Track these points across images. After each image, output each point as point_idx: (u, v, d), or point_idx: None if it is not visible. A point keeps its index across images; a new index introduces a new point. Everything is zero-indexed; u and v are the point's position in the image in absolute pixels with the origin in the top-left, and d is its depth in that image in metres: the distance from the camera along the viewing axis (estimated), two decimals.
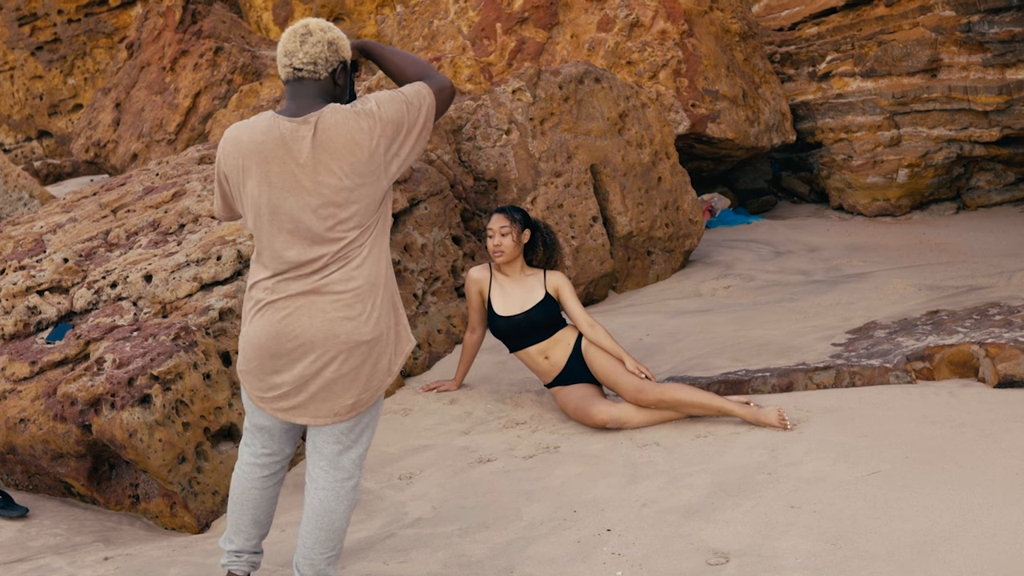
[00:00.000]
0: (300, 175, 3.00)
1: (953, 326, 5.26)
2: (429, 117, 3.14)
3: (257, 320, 3.09)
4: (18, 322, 4.93)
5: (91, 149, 11.55)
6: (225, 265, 4.85)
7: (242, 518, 3.36)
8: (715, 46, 9.51)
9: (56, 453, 4.42)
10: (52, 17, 15.56)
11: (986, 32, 8.84)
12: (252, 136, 3.05)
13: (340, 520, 3.21)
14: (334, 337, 3.04)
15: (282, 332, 3.05)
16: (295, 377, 3.08)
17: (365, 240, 3.07)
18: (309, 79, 3.09)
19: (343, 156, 3.00)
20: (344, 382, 3.08)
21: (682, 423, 4.63)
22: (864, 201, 9.87)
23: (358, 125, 3.01)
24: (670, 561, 3.43)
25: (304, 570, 3.24)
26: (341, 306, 3.04)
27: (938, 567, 3.18)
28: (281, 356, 3.07)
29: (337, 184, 3.00)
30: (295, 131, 3.01)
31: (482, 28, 9.69)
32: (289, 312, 3.04)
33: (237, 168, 3.08)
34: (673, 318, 6.56)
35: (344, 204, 3.02)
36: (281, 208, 3.02)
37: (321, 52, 3.08)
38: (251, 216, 3.09)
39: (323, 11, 13.70)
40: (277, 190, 3.02)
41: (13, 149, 16.10)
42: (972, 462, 3.85)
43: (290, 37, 3.11)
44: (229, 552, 3.41)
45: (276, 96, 9.38)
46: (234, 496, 3.36)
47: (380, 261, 3.11)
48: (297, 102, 3.08)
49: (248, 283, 3.18)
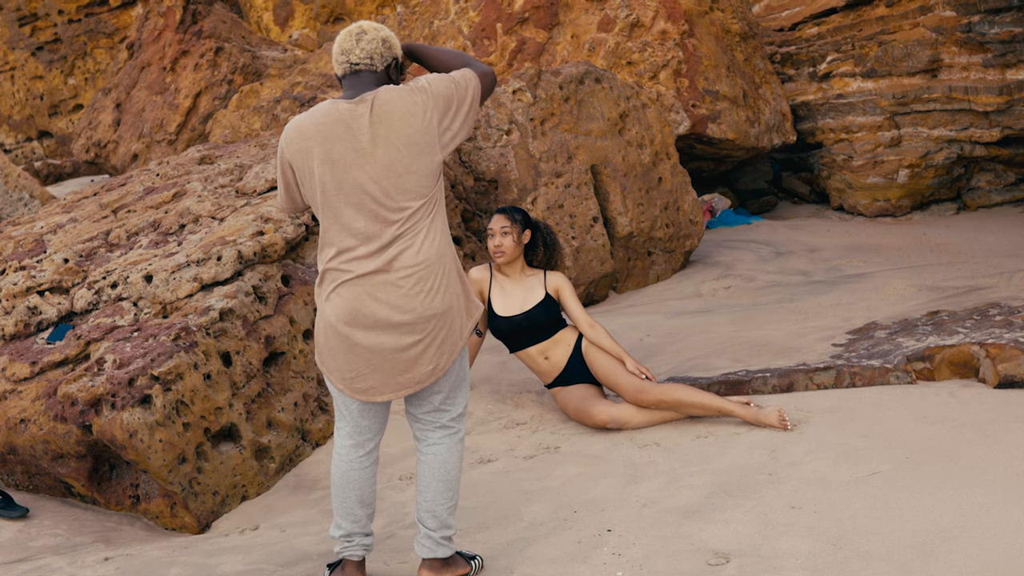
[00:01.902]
0: (361, 149, 3.17)
1: (953, 326, 5.26)
2: (475, 97, 3.31)
3: (333, 300, 3.22)
4: (18, 322, 4.93)
5: (91, 149, 11.55)
6: (225, 266, 4.85)
7: (347, 501, 3.40)
8: (715, 46, 9.51)
9: (56, 453, 4.42)
10: (52, 17, 15.57)
11: (986, 32, 8.83)
12: (313, 120, 3.23)
13: (455, 470, 3.40)
14: (410, 311, 3.18)
15: (358, 310, 3.18)
16: (372, 355, 3.21)
17: (427, 213, 3.22)
18: (366, 71, 3.29)
19: (399, 128, 3.17)
20: (420, 352, 3.22)
21: (682, 423, 4.63)
22: (864, 201, 9.87)
23: (412, 99, 3.20)
24: (670, 561, 3.43)
25: (429, 523, 3.40)
26: (413, 281, 3.18)
27: (939, 567, 3.18)
28: (357, 335, 3.19)
29: (395, 155, 3.17)
30: (353, 110, 3.19)
31: (482, 28, 9.69)
32: (363, 290, 3.18)
33: (301, 152, 3.23)
34: (673, 318, 6.56)
35: (404, 174, 3.17)
36: (345, 183, 3.17)
37: (376, 48, 3.29)
38: (317, 196, 3.23)
39: (323, 11, 13.71)
40: (340, 166, 3.17)
41: (14, 149, 16.10)
42: (972, 462, 3.85)
43: (345, 37, 3.31)
44: (340, 538, 3.44)
45: (277, 96, 9.37)
46: (336, 481, 3.41)
47: (443, 233, 3.26)
48: (355, 91, 3.27)
49: (319, 267, 3.29)
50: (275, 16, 13.96)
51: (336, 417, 3.43)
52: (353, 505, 3.40)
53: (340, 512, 3.42)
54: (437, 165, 3.23)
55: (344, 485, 3.39)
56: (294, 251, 5.27)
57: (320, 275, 3.28)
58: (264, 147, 6.53)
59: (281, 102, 8.32)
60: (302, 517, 4.28)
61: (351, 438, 3.39)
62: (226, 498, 4.43)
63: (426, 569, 3.44)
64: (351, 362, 3.24)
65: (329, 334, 3.25)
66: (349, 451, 3.40)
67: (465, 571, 3.46)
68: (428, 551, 3.42)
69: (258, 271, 4.95)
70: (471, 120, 3.31)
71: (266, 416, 4.71)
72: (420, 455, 3.43)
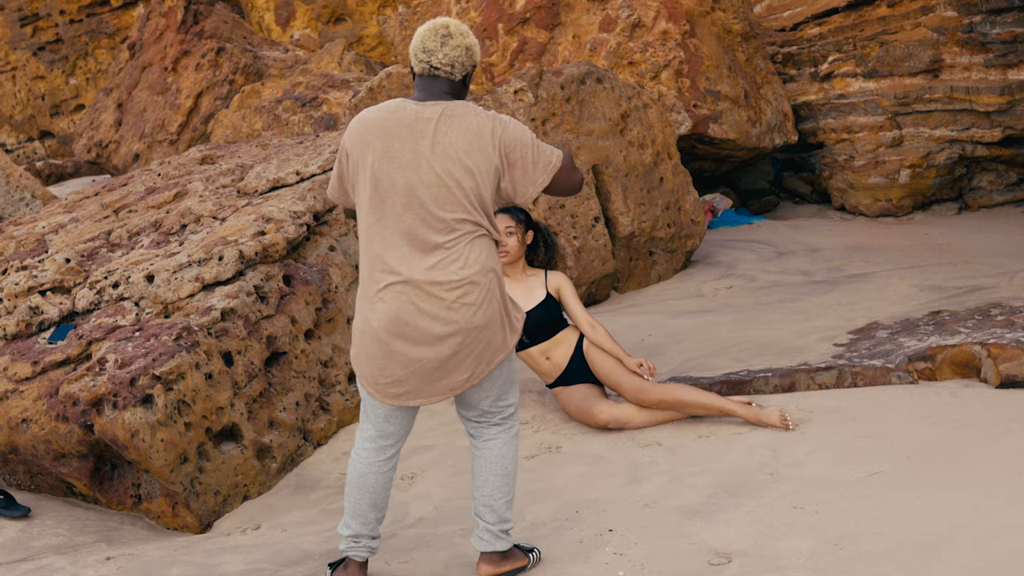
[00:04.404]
0: (420, 153, 3.15)
1: (955, 326, 5.25)
2: (546, 176, 3.26)
3: (377, 305, 3.19)
4: (20, 322, 4.93)
5: (93, 149, 11.55)
6: (227, 265, 4.85)
7: (360, 502, 3.39)
8: (717, 47, 9.51)
9: (58, 453, 4.42)
10: (54, 17, 15.57)
11: (988, 32, 8.83)
12: (378, 114, 3.22)
13: (512, 464, 3.41)
14: (452, 324, 3.17)
15: (402, 318, 3.17)
16: (410, 362, 3.20)
17: (474, 230, 3.19)
18: (444, 78, 3.27)
19: (459, 144, 3.16)
20: (458, 361, 3.21)
21: (684, 423, 4.63)
22: (866, 201, 9.86)
23: (480, 120, 3.19)
24: (672, 561, 3.43)
25: (487, 517, 3.41)
26: (458, 294, 3.16)
27: (940, 567, 3.18)
28: (397, 341, 3.18)
29: (451, 168, 3.15)
30: (421, 112, 3.18)
31: (484, 28, 9.69)
32: (407, 299, 3.16)
33: (360, 143, 3.22)
34: (675, 318, 6.56)
35: (454, 188, 3.15)
36: (397, 182, 3.16)
37: (459, 56, 3.25)
38: (367, 190, 3.20)
39: (325, 12, 13.71)
40: (396, 165, 3.16)
41: (15, 149, 16.11)
42: (974, 462, 3.85)
43: (430, 35, 3.26)
44: (347, 537, 3.43)
45: (278, 96, 9.37)
46: (351, 481, 3.40)
47: (489, 249, 3.24)
48: (429, 93, 3.25)
49: (362, 266, 3.26)
50: (276, 16, 13.96)
51: (361, 419, 3.42)
52: (365, 508, 3.40)
53: (351, 512, 3.41)
54: (487, 195, 3.19)
55: (360, 487, 3.38)
56: (296, 251, 5.27)
57: (361, 273, 3.26)
58: (265, 147, 6.53)
59: (282, 102, 8.32)
60: (303, 517, 4.28)
61: (373, 441, 3.38)
62: (228, 498, 4.43)
63: (485, 563, 3.44)
64: (387, 368, 3.22)
65: (367, 339, 3.23)
66: (370, 454, 3.38)
67: (523, 563, 3.47)
68: (487, 545, 3.43)
69: (260, 271, 4.95)
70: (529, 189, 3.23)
71: (268, 416, 4.71)
72: (476, 451, 3.42)
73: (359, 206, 3.25)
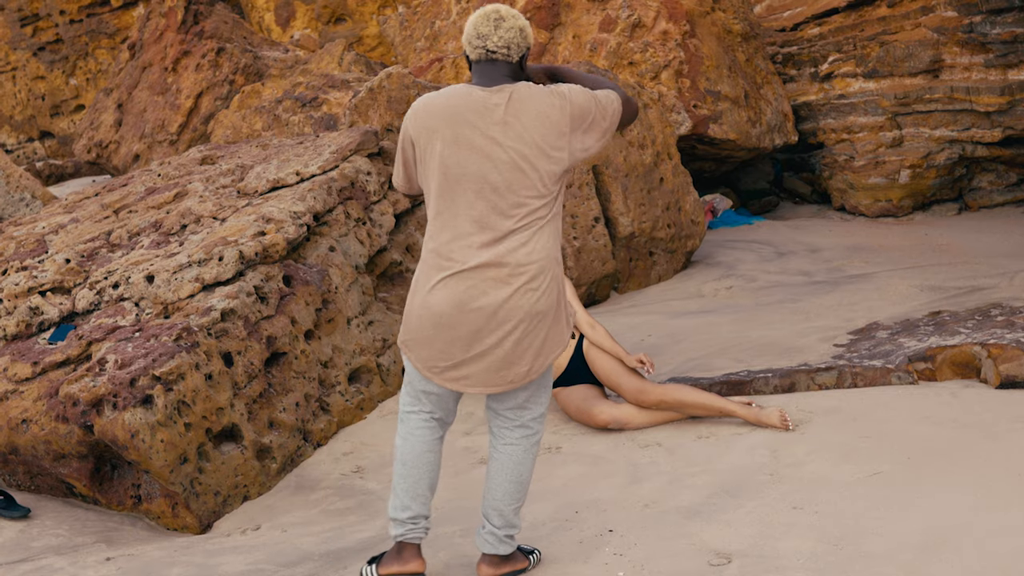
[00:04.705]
0: (490, 138, 3.14)
1: (955, 327, 5.25)
2: (614, 122, 3.29)
3: (439, 289, 3.17)
4: (20, 322, 4.93)
5: (93, 150, 11.55)
6: (227, 266, 4.85)
7: (420, 483, 3.34)
8: (717, 47, 9.51)
9: (58, 454, 4.42)
10: (54, 18, 15.57)
11: (988, 33, 8.83)
12: (445, 100, 3.19)
13: (527, 472, 3.39)
14: (518, 308, 3.15)
15: (466, 302, 3.15)
16: (472, 348, 3.18)
17: (545, 214, 3.19)
18: (502, 61, 3.24)
19: (532, 126, 3.14)
20: (520, 351, 3.19)
21: (684, 424, 4.63)
22: (866, 202, 9.87)
23: (549, 101, 3.17)
24: (672, 562, 3.43)
25: (494, 520, 3.39)
26: (525, 279, 3.15)
27: (940, 567, 3.17)
28: (461, 326, 3.16)
29: (524, 151, 3.14)
30: (488, 98, 3.16)
31: None
32: (474, 283, 3.14)
33: (426, 130, 3.19)
34: (675, 319, 6.56)
35: (527, 171, 3.14)
36: (468, 168, 3.14)
37: (514, 37, 3.24)
38: (436, 177, 3.18)
39: (325, 12, 13.71)
40: (465, 151, 3.14)
41: (15, 150, 16.11)
42: (974, 463, 3.85)
43: (483, 20, 3.25)
44: (406, 520, 3.35)
45: (278, 97, 9.36)
46: (408, 462, 3.34)
47: (556, 236, 3.23)
48: (489, 78, 3.23)
49: (425, 249, 3.23)
50: (276, 16, 13.96)
51: (409, 401, 3.38)
52: (425, 488, 3.35)
53: (409, 494, 3.34)
54: (561, 171, 3.20)
55: (419, 466, 3.32)
56: (296, 251, 5.27)
57: (425, 258, 3.22)
58: (266, 147, 6.53)
59: (283, 102, 8.32)
60: (304, 517, 4.28)
61: (427, 421, 3.35)
62: (228, 498, 4.43)
63: (486, 564, 3.42)
64: (447, 351, 3.19)
65: (427, 323, 3.20)
66: (425, 432, 3.34)
67: (523, 565, 3.46)
68: (490, 547, 3.41)
69: (260, 271, 4.95)
70: (604, 141, 3.27)
71: (268, 416, 4.71)
72: (494, 452, 3.41)
73: (427, 193, 3.23)
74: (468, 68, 3.35)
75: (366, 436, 4.98)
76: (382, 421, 5.12)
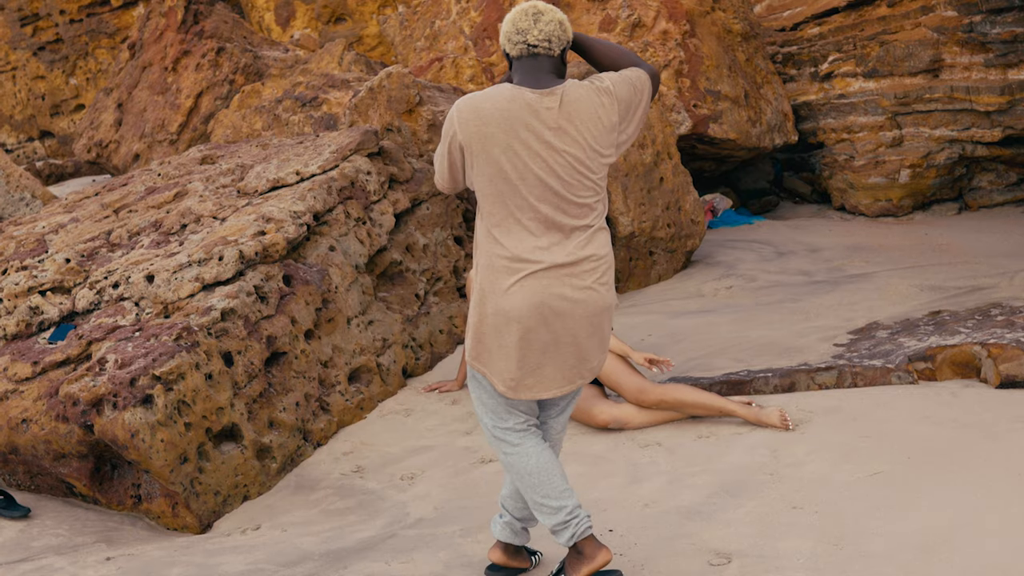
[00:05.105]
0: (546, 143, 3.12)
1: (955, 327, 5.25)
2: (648, 102, 3.30)
3: (515, 293, 3.13)
4: (20, 322, 4.93)
5: (93, 149, 11.55)
6: (227, 266, 4.85)
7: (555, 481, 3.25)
8: (717, 46, 9.51)
9: (58, 453, 4.42)
10: (54, 17, 15.57)
11: (988, 32, 8.82)
12: (496, 104, 3.14)
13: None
14: (591, 304, 3.17)
15: (545, 304, 3.13)
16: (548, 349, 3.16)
17: (601, 209, 3.22)
18: (544, 55, 3.21)
19: (587, 127, 3.15)
20: (592, 346, 3.22)
21: (684, 424, 4.63)
22: (866, 201, 9.86)
23: (599, 100, 3.18)
24: (672, 562, 3.43)
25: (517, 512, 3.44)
26: (596, 275, 3.18)
27: (940, 567, 3.17)
28: (541, 329, 3.14)
29: (579, 153, 3.14)
30: (540, 101, 3.14)
31: (484, 28, 9.69)
32: (549, 283, 3.13)
33: (479, 136, 3.14)
34: (675, 318, 6.56)
35: (584, 172, 3.16)
36: (527, 174, 3.13)
37: (554, 30, 3.21)
38: (495, 182, 3.15)
39: (325, 12, 13.71)
40: (523, 156, 3.12)
41: (15, 149, 16.11)
42: (974, 463, 3.85)
43: (521, 16, 3.23)
44: (568, 520, 3.23)
45: (278, 96, 9.36)
46: (533, 471, 3.24)
47: (607, 228, 3.26)
48: (533, 76, 3.19)
49: (487, 256, 3.19)
50: (276, 16, 13.95)
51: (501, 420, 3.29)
52: (562, 482, 3.27)
53: (555, 495, 3.24)
54: (609, 164, 3.23)
55: (550, 471, 3.25)
56: (296, 251, 5.27)
57: (491, 264, 3.18)
58: (266, 147, 6.53)
59: (283, 102, 8.31)
60: (304, 517, 4.28)
61: (528, 427, 3.30)
62: (228, 498, 4.43)
63: (500, 549, 3.47)
64: (524, 359, 3.16)
65: (502, 331, 3.15)
66: (537, 440, 3.29)
67: (526, 565, 3.51)
68: (508, 536, 3.46)
69: (260, 271, 4.95)
70: (641, 124, 3.29)
71: (268, 416, 4.71)
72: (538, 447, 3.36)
73: (484, 198, 3.19)
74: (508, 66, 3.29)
75: (366, 436, 4.98)
76: (382, 421, 5.13)
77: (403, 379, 5.59)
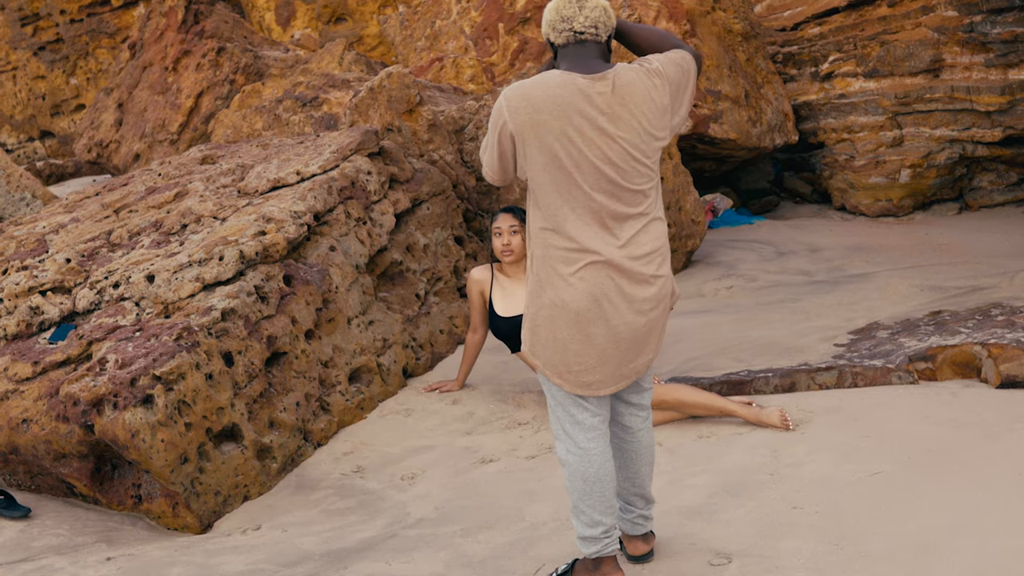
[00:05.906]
0: (600, 130, 3.05)
1: (955, 327, 5.25)
2: (694, 83, 3.25)
3: (575, 284, 3.07)
4: (20, 322, 4.94)
5: (93, 149, 11.55)
6: (227, 265, 4.85)
7: (606, 495, 3.21)
8: (717, 46, 9.51)
9: (58, 453, 4.43)
10: (55, 17, 15.58)
11: (988, 32, 8.83)
12: (546, 91, 3.06)
13: (654, 450, 3.43)
14: (650, 294, 3.13)
15: (605, 294, 3.08)
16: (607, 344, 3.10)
17: (655, 196, 3.17)
18: (591, 41, 3.15)
19: (641, 111, 3.09)
20: (651, 336, 3.18)
21: (684, 424, 4.63)
22: (866, 201, 9.87)
23: (651, 83, 3.12)
24: (672, 562, 3.43)
25: (638, 504, 3.43)
26: (655, 265, 3.14)
27: (940, 567, 3.17)
28: (600, 321, 3.08)
29: (634, 138, 3.08)
30: (592, 86, 3.06)
31: (484, 28, 9.69)
32: (608, 273, 3.08)
33: (531, 124, 3.06)
34: (675, 318, 6.56)
35: (640, 157, 3.10)
36: (583, 161, 3.06)
37: (600, 16, 3.16)
38: (550, 171, 3.08)
39: (325, 11, 13.71)
40: (578, 144, 3.05)
41: (16, 149, 16.11)
42: (974, 463, 3.85)
43: (565, 4, 3.17)
44: (600, 536, 3.22)
45: (279, 96, 9.37)
46: (590, 478, 3.18)
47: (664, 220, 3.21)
48: (582, 62, 3.12)
49: (544, 244, 3.12)
50: (277, 16, 13.96)
51: (567, 420, 3.21)
52: (611, 497, 3.23)
53: (598, 509, 3.20)
54: (661, 147, 3.17)
55: (603, 480, 3.19)
56: (296, 251, 5.27)
57: (548, 254, 3.11)
58: (266, 147, 6.53)
59: (283, 102, 8.31)
60: (304, 517, 4.29)
61: (596, 429, 3.21)
62: (228, 498, 4.44)
63: (642, 542, 3.47)
64: (582, 353, 3.10)
65: (560, 323, 3.09)
66: (598, 442, 3.20)
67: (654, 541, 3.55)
68: (641, 528, 3.46)
69: (260, 271, 4.95)
70: (689, 105, 3.24)
71: (268, 416, 4.71)
72: (626, 444, 3.35)
73: (537, 187, 3.11)
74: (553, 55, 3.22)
75: (366, 436, 4.98)
76: (382, 421, 5.13)
77: (403, 379, 5.59)
